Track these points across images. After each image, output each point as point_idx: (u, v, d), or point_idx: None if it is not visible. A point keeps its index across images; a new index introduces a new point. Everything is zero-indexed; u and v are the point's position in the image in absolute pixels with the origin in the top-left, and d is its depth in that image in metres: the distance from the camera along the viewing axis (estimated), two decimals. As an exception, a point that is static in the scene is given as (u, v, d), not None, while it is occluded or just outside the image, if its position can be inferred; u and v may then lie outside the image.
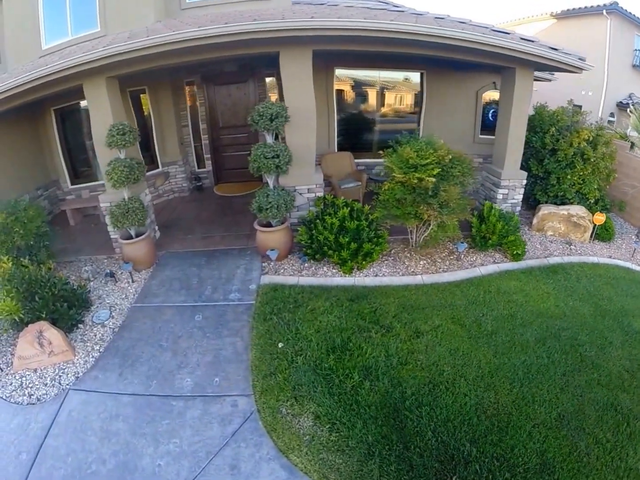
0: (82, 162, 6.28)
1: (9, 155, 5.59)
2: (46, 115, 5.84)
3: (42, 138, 6.05)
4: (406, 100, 5.88)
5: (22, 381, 3.14)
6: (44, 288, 3.53)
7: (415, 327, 3.39)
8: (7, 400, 2.99)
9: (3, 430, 2.75)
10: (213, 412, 2.71)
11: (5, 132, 5.53)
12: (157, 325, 3.52)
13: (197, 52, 3.88)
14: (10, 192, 5.41)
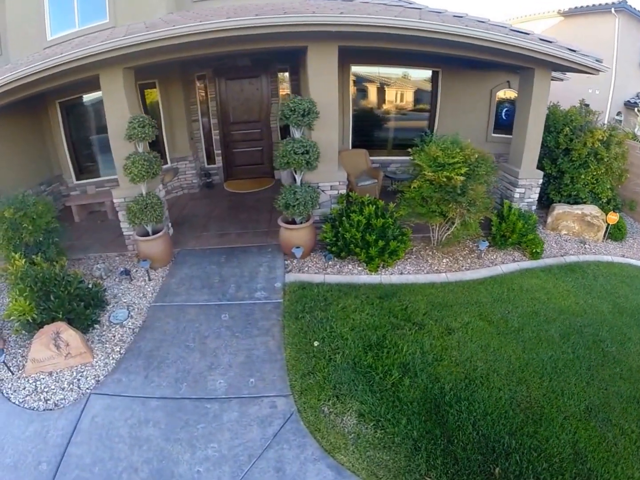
0: (87, 156, 6.06)
1: (12, 149, 5.35)
2: (51, 108, 5.62)
3: (45, 132, 5.82)
4: (421, 98, 5.89)
5: (37, 385, 2.98)
6: (58, 287, 3.35)
7: (446, 324, 3.41)
8: (20, 406, 2.82)
9: (18, 439, 2.56)
10: (251, 413, 2.63)
11: (8, 126, 5.29)
12: (181, 325, 3.40)
13: (219, 44, 3.77)
14: (13, 188, 5.17)
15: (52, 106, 5.61)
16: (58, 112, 5.65)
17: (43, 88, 4.25)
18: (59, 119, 5.68)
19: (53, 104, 5.61)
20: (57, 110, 5.64)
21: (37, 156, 5.75)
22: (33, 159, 5.67)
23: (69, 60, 3.72)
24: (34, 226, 3.97)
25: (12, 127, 5.35)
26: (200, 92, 6.03)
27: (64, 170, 5.95)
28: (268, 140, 6.25)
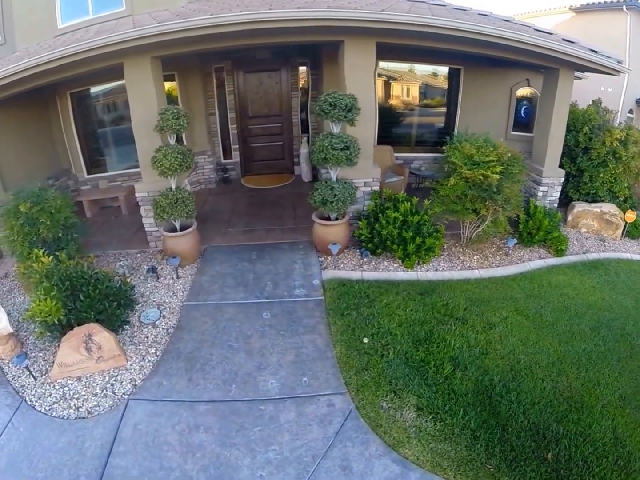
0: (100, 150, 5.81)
1: (19, 142, 5.09)
2: (62, 99, 5.36)
3: (53, 124, 5.55)
4: (443, 95, 5.91)
5: (65, 392, 2.79)
6: (88, 285, 3.15)
7: (487, 318, 3.48)
8: (48, 415, 2.63)
9: (50, 451, 2.38)
10: (309, 413, 2.57)
11: (15, 117, 5.02)
12: (221, 324, 3.29)
13: (255, 35, 3.66)
14: (20, 182, 4.92)
15: (63, 97, 5.35)
16: (69, 103, 5.39)
17: (58, 77, 4.04)
18: (70, 111, 5.42)
19: (64, 94, 5.35)
20: (69, 101, 5.38)
21: (45, 149, 5.48)
22: (41, 152, 5.40)
23: (96, 47, 3.54)
24: (52, 221, 3.76)
25: (19, 118, 5.07)
26: (218, 85, 5.87)
27: (75, 164, 5.69)
28: (288, 134, 6.14)
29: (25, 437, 2.48)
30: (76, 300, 3.04)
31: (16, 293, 4.20)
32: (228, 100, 5.89)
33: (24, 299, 4.04)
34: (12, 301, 4.04)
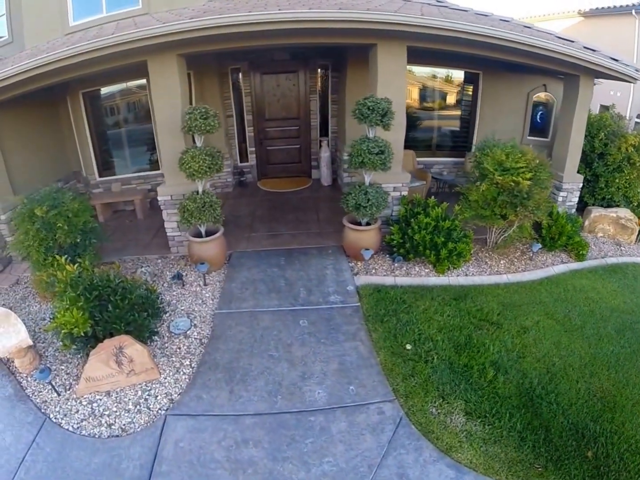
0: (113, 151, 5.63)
1: (27, 143, 4.89)
2: (73, 99, 5.18)
3: (63, 125, 5.36)
4: (462, 100, 5.95)
5: (93, 408, 2.64)
6: (114, 294, 2.99)
7: (520, 323, 3.51)
8: (76, 433, 2.47)
9: (82, 473, 2.24)
10: (360, 422, 2.52)
11: (24, 118, 4.83)
12: (257, 333, 3.20)
13: (286, 35, 3.60)
14: (29, 185, 4.74)
15: (75, 97, 5.17)
16: (82, 103, 5.21)
17: (73, 75, 3.89)
18: (83, 111, 5.24)
19: (76, 94, 5.17)
20: (81, 101, 5.20)
21: (54, 151, 5.28)
22: (50, 154, 5.21)
23: (122, 42, 3.39)
24: (70, 226, 3.59)
25: (27, 118, 4.88)
26: (234, 87, 5.76)
27: (86, 166, 5.50)
28: (306, 138, 6.08)
29: (53, 458, 2.32)
30: (103, 311, 2.88)
31: (31, 301, 4.01)
32: (245, 102, 5.79)
33: (40, 307, 3.86)
34: (26, 310, 3.86)
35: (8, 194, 4.61)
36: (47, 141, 5.16)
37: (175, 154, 3.96)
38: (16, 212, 3.69)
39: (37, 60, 3.56)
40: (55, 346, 3.24)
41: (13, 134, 4.68)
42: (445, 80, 5.84)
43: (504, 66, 5.28)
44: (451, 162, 5.83)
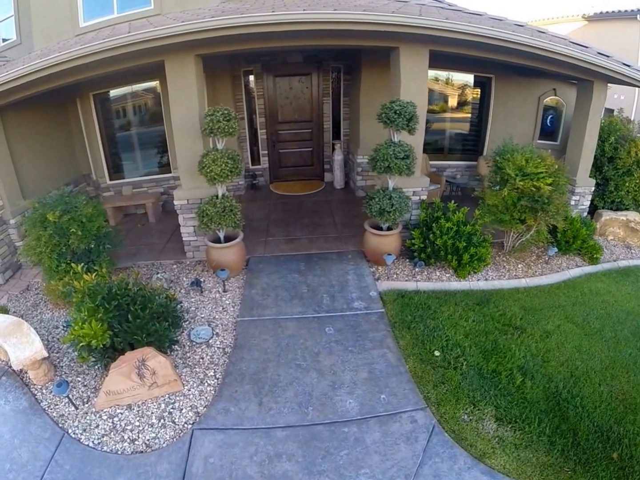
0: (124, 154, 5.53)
1: (37, 146, 4.80)
2: (83, 101, 5.07)
3: (73, 127, 5.26)
4: (475, 103, 5.97)
5: (114, 422, 2.54)
6: (134, 303, 2.86)
7: (542, 327, 3.54)
8: (97, 449, 2.36)
9: None
10: (394, 431, 2.49)
11: (33, 120, 4.72)
12: (283, 341, 3.15)
13: (307, 37, 3.55)
14: (38, 188, 4.64)
15: (85, 99, 5.07)
16: (92, 105, 5.11)
17: (84, 76, 3.79)
18: (93, 113, 5.14)
19: (86, 96, 5.06)
20: (91, 103, 5.10)
21: (64, 154, 5.18)
22: (59, 157, 5.11)
23: (139, 40, 3.29)
24: (84, 231, 3.50)
25: (36, 121, 4.78)
26: (247, 89, 5.70)
27: (96, 169, 5.39)
28: (319, 141, 6.04)
29: (74, 476, 2.23)
30: (122, 322, 2.76)
31: (43, 308, 3.90)
32: (257, 105, 5.73)
33: (52, 315, 3.76)
34: (38, 317, 3.76)
35: (17, 198, 4.52)
36: (56, 144, 5.06)
37: (193, 157, 3.89)
38: (27, 217, 3.60)
39: (50, 60, 3.44)
40: (71, 356, 3.14)
41: (22, 136, 4.58)
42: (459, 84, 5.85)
43: (516, 70, 5.32)
44: (463, 165, 5.85)
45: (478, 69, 5.49)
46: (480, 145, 5.92)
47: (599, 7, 8.68)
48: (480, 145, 5.93)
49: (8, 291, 4.28)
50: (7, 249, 4.54)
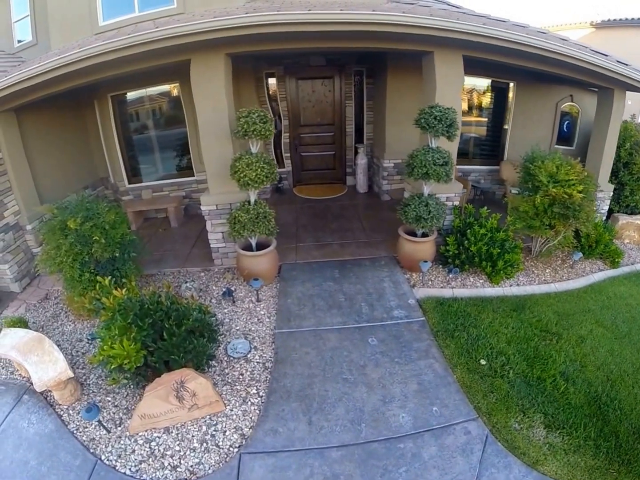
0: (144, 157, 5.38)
1: (54, 148, 4.65)
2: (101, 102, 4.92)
3: (90, 129, 5.11)
4: (497, 109, 6.01)
5: (152, 447, 2.37)
6: (168, 319, 2.65)
7: (576, 332, 3.59)
8: (136, 477, 2.22)
9: None
10: (449, 444, 2.48)
11: (50, 121, 4.58)
12: (326, 354, 3.07)
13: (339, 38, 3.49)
14: (55, 193, 4.49)
15: (103, 100, 4.91)
16: (110, 106, 4.95)
17: (105, 75, 3.65)
18: (112, 115, 4.99)
19: (104, 97, 4.91)
20: (110, 104, 4.94)
21: (81, 156, 5.03)
22: (76, 160, 4.96)
23: (165, 37, 3.14)
24: (107, 239, 3.35)
25: (53, 122, 4.63)
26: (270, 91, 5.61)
27: (115, 172, 5.24)
28: (341, 144, 5.98)
29: None
30: (157, 339, 2.57)
31: (63, 319, 3.75)
32: (281, 107, 5.65)
33: (75, 327, 3.59)
34: (59, 329, 3.60)
35: (34, 202, 4.36)
36: (73, 146, 4.90)
37: (222, 161, 3.79)
38: (45, 224, 3.43)
39: (73, 55, 3.26)
40: (98, 372, 2.97)
41: (38, 138, 4.42)
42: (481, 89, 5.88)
43: (536, 76, 5.36)
44: (486, 170, 5.88)
45: (500, 74, 5.52)
46: (501, 150, 5.97)
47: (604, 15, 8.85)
48: (500, 150, 5.98)
49: (26, 300, 4.13)
50: (24, 256, 4.39)
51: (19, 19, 4.92)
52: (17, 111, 4.07)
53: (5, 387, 2.93)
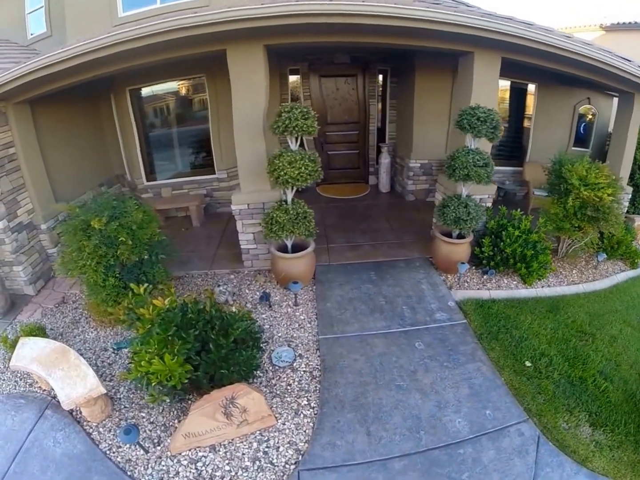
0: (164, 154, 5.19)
1: (69, 143, 4.46)
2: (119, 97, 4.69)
3: (105, 125, 4.89)
4: (519, 110, 6.04)
5: (199, 468, 2.20)
6: (211, 329, 2.46)
7: (607, 332, 3.68)
8: None
9: None
10: (505, 447, 2.49)
11: (65, 115, 4.37)
12: (375, 360, 3.02)
13: (383, 33, 3.36)
14: (69, 190, 4.30)
15: (121, 94, 4.70)
16: (129, 101, 4.74)
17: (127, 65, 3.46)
18: (130, 109, 4.78)
19: (122, 91, 4.69)
20: (128, 99, 4.73)
21: (96, 152, 4.82)
22: (91, 156, 4.75)
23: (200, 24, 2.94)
24: (134, 240, 3.14)
25: (67, 116, 4.41)
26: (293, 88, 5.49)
27: (132, 169, 5.04)
28: (364, 143, 5.91)
29: None
30: (199, 352, 2.38)
31: (84, 326, 3.53)
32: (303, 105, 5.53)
33: (97, 334, 3.39)
34: (80, 337, 3.39)
35: (49, 200, 4.16)
36: (88, 142, 4.68)
37: (254, 157, 3.68)
38: (65, 224, 3.19)
39: (100, 41, 3.03)
40: (128, 385, 2.78)
41: (52, 134, 4.18)
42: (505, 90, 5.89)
43: (558, 79, 5.42)
44: (510, 171, 5.93)
45: (523, 76, 5.55)
46: (523, 151, 6.02)
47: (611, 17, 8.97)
48: (523, 152, 6.03)
49: (41, 304, 3.91)
50: (39, 257, 4.18)
51: (32, 10, 4.65)
52: (31, 103, 3.84)
53: (24, 401, 2.72)
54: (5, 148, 3.71)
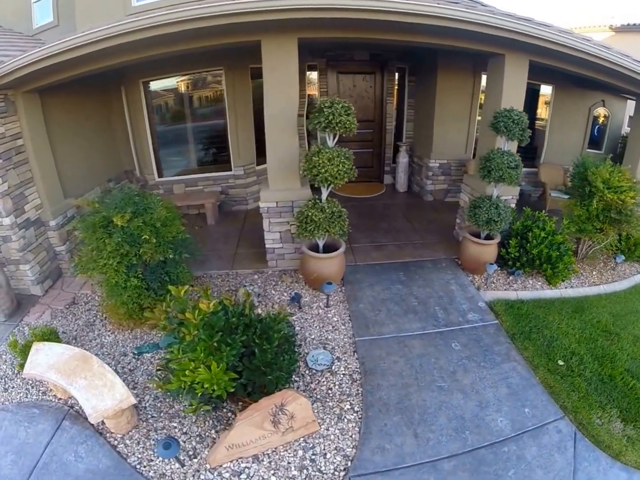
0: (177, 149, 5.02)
1: (78, 136, 4.25)
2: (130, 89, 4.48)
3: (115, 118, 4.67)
4: (536, 111, 6.08)
5: None
6: (253, 333, 2.35)
7: (630, 332, 3.74)
8: None
9: None
10: (546, 444, 2.54)
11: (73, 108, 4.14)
12: (415, 362, 3.01)
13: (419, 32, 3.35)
14: (78, 185, 4.11)
15: (133, 86, 4.49)
16: (142, 93, 4.54)
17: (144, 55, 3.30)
18: (143, 102, 4.58)
19: (135, 83, 4.49)
20: (141, 91, 4.53)
21: (104, 147, 4.61)
22: (100, 150, 4.54)
23: (238, 11, 2.75)
24: (159, 238, 3.01)
25: (76, 109, 4.18)
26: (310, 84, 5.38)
27: (143, 164, 4.86)
28: (379, 142, 5.85)
29: None
30: (243, 357, 2.27)
31: (100, 329, 3.37)
32: (320, 101, 5.43)
33: (115, 338, 3.23)
34: (97, 341, 3.22)
35: (58, 195, 3.97)
36: (97, 135, 4.46)
37: (289, 154, 3.59)
38: (83, 220, 3.03)
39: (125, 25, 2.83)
40: (153, 394, 2.64)
41: (61, 126, 3.97)
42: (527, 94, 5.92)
43: (574, 81, 5.47)
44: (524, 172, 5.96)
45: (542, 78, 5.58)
46: (538, 153, 6.08)
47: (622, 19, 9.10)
48: (538, 153, 6.09)
49: (50, 305, 3.71)
50: (47, 255, 3.96)
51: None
52: (40, 93, 3.63)
53: (38, 411, 2.50)
54: (13, 139, 3.49)
